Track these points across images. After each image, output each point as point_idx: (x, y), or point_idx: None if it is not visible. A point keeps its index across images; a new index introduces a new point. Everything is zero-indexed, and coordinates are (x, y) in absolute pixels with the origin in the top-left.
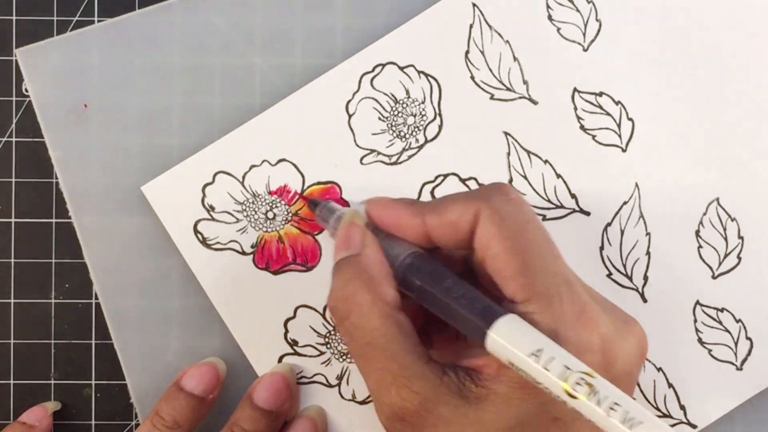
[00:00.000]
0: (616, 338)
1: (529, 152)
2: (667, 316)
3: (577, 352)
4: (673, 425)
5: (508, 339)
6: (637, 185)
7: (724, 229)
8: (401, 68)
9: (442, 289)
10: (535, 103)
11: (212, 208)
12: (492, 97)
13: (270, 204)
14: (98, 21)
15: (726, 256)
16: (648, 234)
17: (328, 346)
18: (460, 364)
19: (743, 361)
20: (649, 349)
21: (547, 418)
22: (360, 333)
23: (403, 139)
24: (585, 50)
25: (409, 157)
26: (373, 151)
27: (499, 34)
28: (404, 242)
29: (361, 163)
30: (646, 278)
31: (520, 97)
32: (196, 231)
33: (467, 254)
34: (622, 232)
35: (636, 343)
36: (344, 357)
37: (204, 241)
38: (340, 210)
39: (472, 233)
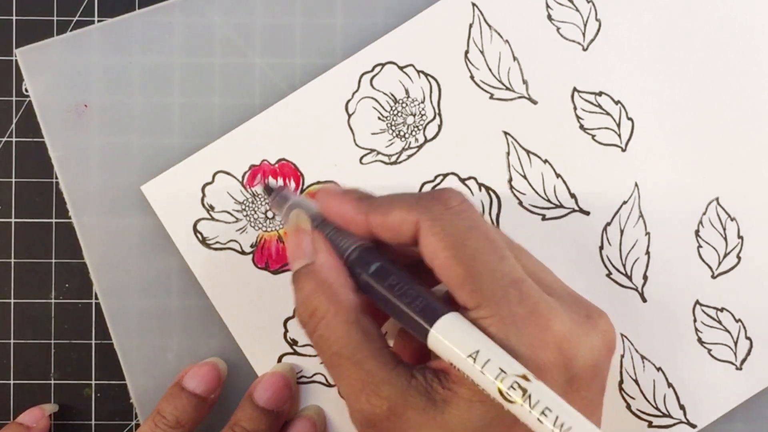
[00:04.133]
0: (576, 334)
1: (528, 152)
2: (667, 316)
3: (531, 352)
4: (672, 425)
5: (448, 338)
6: (636, 185)
7: (724, 229)
8: (401, 68)
9: (385, 286)
10: (534, 102)
11: (212, 207)
12: (491, 97)
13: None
14: (98, 21)
15: (726, 255)
16: (648, 234)
17: None
18: (430, 365)
19: (743, 361)
20: (649, 349)
21: (509, 420)
22: (326, 344)
23: (403, 139)
24: (585, 50)
25: (409, 156)
26: (372, 150)
27: (499, 34)
28: (352, 235)
29: (361, 163)
30: (645, 278)
31: (520, 97)
32: (195, 231)
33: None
34: (622, 232)
35: (600, 337)
36: None
37: (204, 241)
38: (291, 200)
39: (414, 238)
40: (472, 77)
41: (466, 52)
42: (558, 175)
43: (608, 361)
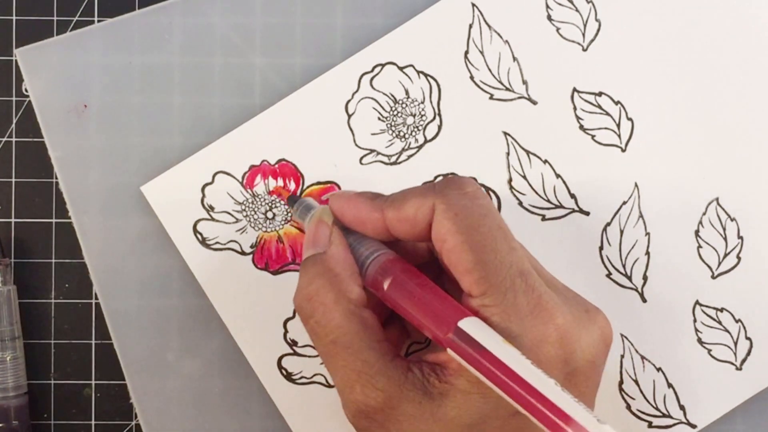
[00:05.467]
0: (576, 328)
1: (528, 152)
2: (667, 316)
3: (532, 345)
4: (672, 425)
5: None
6: (636, 185)
7: (724, 229)
8: (401, 68)
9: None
10: (534, 103)
11: (212, 208)
12: (491, 97)
13: (269, 204)
14: (98, 21)
15: (725, 256)
16: (647, 234)
17: None
18: (427, 358)
19: (743, 361)
20: (649, 349)
21: (506, 413)
22: (324, 331)
23: (403, 139)
24: (584, 50)
25: (409, 157)
26: (372, 151)
27: (499, 34)
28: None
29: (361, 163)
30: (645, 278)
31: (520, 97)
32: (195, 231)
33: (431, 246)
34: (622, 232)
35: (598, 332)
36: None
37: (203, 241)
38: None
39: (429, 227)
40: (471, 77)
41: (466, 53)
42: (558, 176)
43: (605, 357)
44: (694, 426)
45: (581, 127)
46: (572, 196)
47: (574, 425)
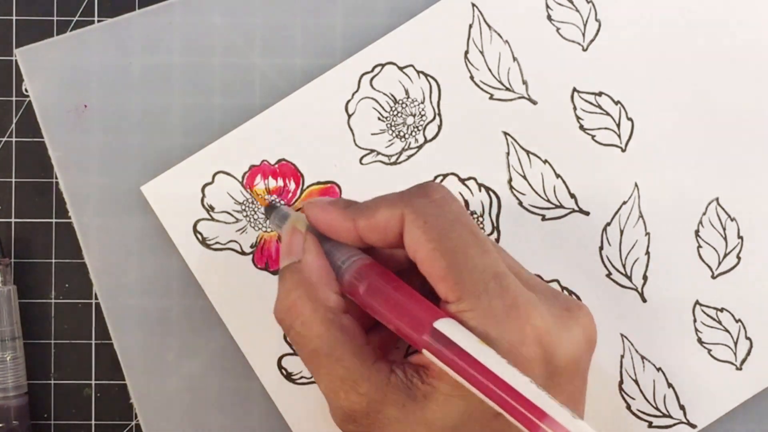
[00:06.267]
0: (556, 328)
1: (528, 152)
2: (667, 316)
3: (511, 346)
4: (672, 425)
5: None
6: (636, 185)
7: (724, 229)
8: (401, 68)
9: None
10: (534, 103)
11: (212, 208)
12: (491, 97)
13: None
14: (98, 21)
15: (725, 256)
16: (647, 234)
17: None
18: (410, 360)
19: (743, 361)
20: (649, 349)
21: (488, 415)
22: (304, 341)
23: (403, 139)
24: (584, 50)
25: (409, 157)
26: (372, 151)
27: (499, 34)
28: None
29: (361, 163)
30: (645, 278)
31: (520, 97)
32: (195, 231)
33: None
34: (622, 232)
35: (580, 330)
36: None
37: (203, 241)
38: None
39: (401, 236)
40: (471, 77)
41: (466, 53)
42: (558, 176)
43: (589, 355)
44: (694, 426)
45: (581, 127)
46: (572, 196)
47: (548, 421)
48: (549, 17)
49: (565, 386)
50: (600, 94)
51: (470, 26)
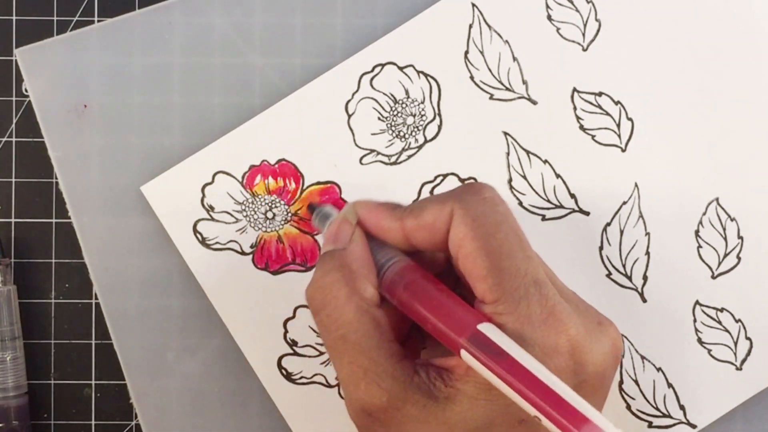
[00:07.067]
0: (588, 340)
1: (528, 152)
2: (667, 316)
3: (543, 354)
4: (672, 425)
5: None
6: (636, 185)
7: (724, 229)
8: (401, 68)
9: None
10: (534, 103)
11: (212, 208)
12: (491, 97)
13: (269, 204)
14: (98, 21)
15: (725, 256)
16: (647, 234)
17: None
18: (434, 362)
19: (743, 361)
20: (649, 349)
21: (512, 420)
22: (334, 325)
23: (403, 139)
24: (584, 50)
25: (409, 157)
26: (372, 151)
27: (499, 34)
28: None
29: (361, 163)
30: (645, 278)
31: (520, 97)
32: (195, 231)
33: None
34: (622, 232)
35: (609, 345)
36: None
37: (203, 241)
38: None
39: (448, 235)
40: (472, 77)
41: (466, 53)
42: (558, 176)
43: (614, 371)
44: (694, 426)
45: (581, 127)
46: (572, 196)
47: (590, 426)
48: (549, 17)
49: (588, 398)
50: (600, 94)
51: (470, 26)
